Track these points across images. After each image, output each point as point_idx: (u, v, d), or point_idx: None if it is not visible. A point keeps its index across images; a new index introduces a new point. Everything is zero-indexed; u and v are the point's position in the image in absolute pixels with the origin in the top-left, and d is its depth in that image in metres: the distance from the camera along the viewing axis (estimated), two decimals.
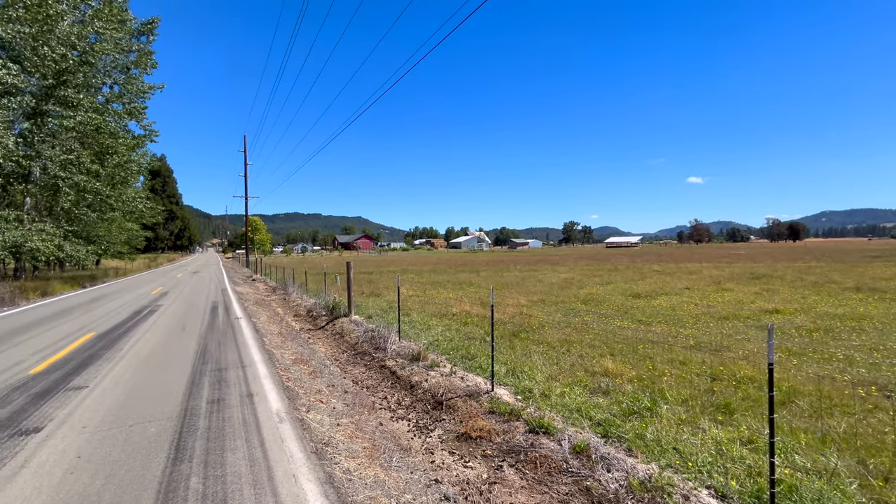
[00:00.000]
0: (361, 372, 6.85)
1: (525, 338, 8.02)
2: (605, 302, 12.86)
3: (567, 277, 22.14)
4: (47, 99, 19.73)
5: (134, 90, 27.91)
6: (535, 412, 4.52)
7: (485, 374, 5.92)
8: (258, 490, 3.11)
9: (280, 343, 8.40)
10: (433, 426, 4.76)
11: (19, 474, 3.32)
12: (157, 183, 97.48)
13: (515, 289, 16.91)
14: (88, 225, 28.91)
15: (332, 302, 11.40)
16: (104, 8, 23.15)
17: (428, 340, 7.79)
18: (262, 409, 4.71)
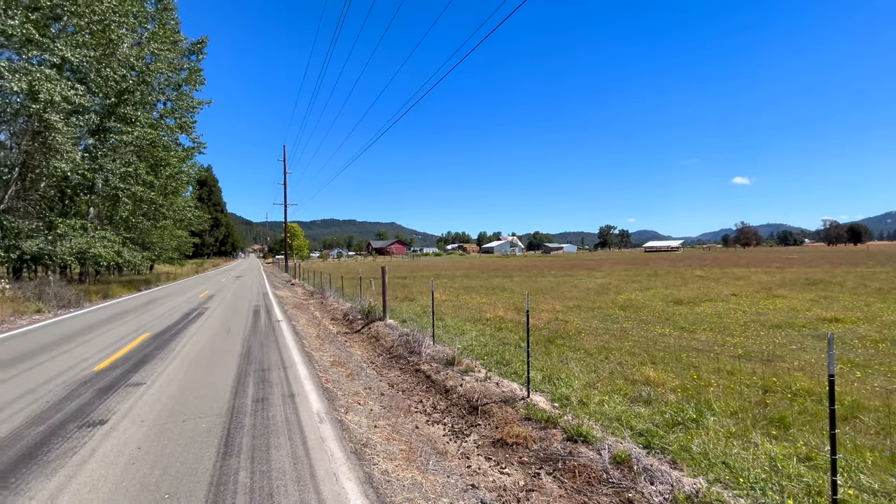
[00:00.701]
0: (397, 375, 6.94)
1: (561, 344, 7.88)
2: (644, 308, 12.42)
3: (604, 283, 21.55)
4: (109, 116, 21.38)
5: (184, 106, 29.75)
6: (573, 420, 4.43)
7: (520, 381, 5.86)
8: (301, 487, 3.22)
9: (318, 345, 8.65)
10: (468, 431, 4.76)
11: (88, 462, 3.60)
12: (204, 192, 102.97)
13: (550, 294, 16.63)
14: (143, 232, 30.95)
15: (367, 306, 11.64)
16: (159, 30, 24.87)
17: (462, 345, 7.80)
18: (304, 409, 4.87)
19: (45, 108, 16.24)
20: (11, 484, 3.28)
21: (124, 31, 20.43)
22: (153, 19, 25.92)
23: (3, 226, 16.53)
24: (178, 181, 32.02)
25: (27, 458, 3.70)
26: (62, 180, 20.95)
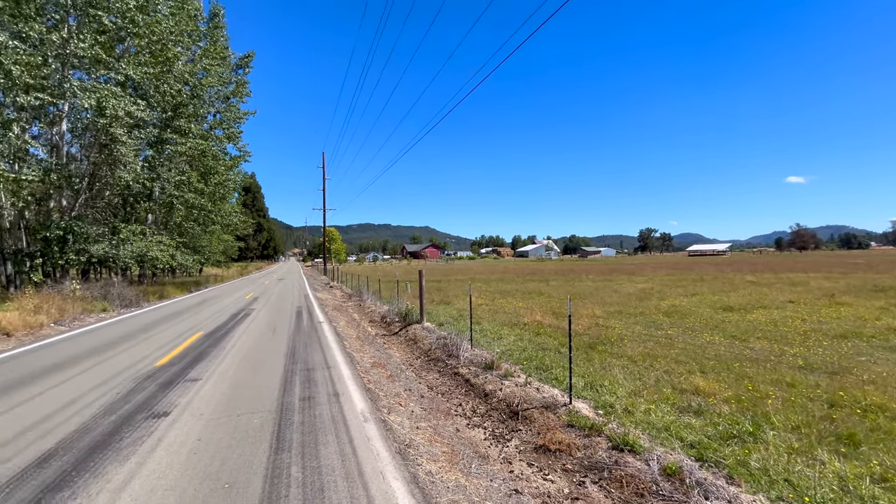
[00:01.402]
0: (435, 378, 7.00)
1: (603, 350, 7.68)
2: (690, 315, 11.89)
3: (645, 288, 20.80)
4: (166, 129, 22.90)
5: (232, 117, 31.41)
6: (619, 428, 4.32)
7: (561, 387, 5.77)
8: (350, 483, 3.32)
9: (359, 347, 8.87)
10: (509, 436, 4.74)
11: (156, 451, 3.88)
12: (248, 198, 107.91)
13: (589, 299, 16.24)
14: (194, 237, 32.85)
15: (404, 309, 11.81)
16: (210, 47, 26.42)
17: (500, 349, 7.77)
18: (348, 408, 5.02)
19: (111, 122, 17.61)
20: (91, 467, 3.58)
21: (180, 50, 21.88)
22: (205, 37, 27.58)
23: (74, 231, 18.02)
24: (225, 188, 33.79)
25: (102, 445, 4.03)
26: (125, 189, 22.63)
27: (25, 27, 15.02)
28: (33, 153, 18.16)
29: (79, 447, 3.98)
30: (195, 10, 24.47)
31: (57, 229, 17.59)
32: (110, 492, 3.20)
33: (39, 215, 19.09)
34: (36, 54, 15.15)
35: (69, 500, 3.09)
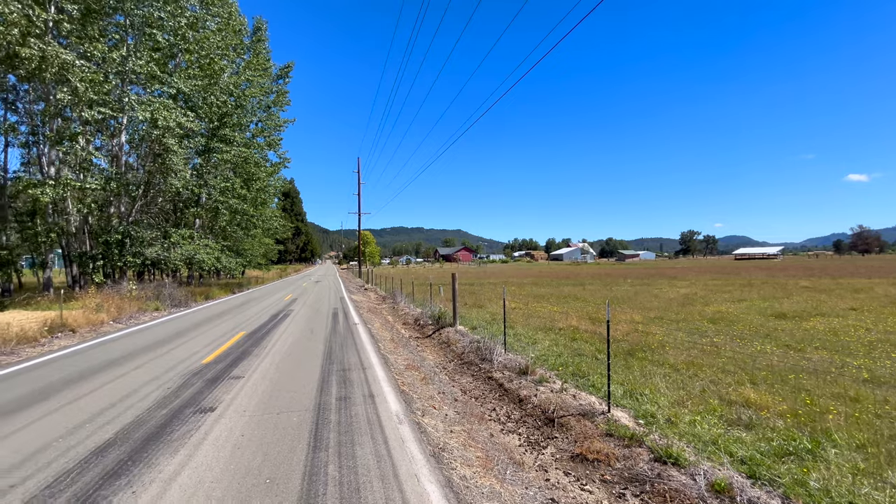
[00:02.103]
0: (469, 382, 6.97)
1: (643, 357, 7.39)
2: (738, 322, 11.25)
3: (688, 293, 19.88)
4: (212, 138, 24.18)
5: (272, 125, 32.73)
6: (661, 440, 4.14)
7: (599, 394, 5.59)
8: (386, 484, 3.35)
9: (393, 349, 8.97)
10: (545, 443, 4.64)
11: (203, 444, 4.07)
12: (287, 203, 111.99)
13: (627, 304, 15.70)
14: (238, 240, 34.43)
15: (437, 312, 11.85)
16: (253, 59, 27.66)
17: (535, 354, 7.63)
18: (383, 409, 5.08)
19: (164, 133, 18.78)
20: (144, 458, 3.80)
21: (225, 63, 23.08)
22: (249, 50, 28.92)
23: (131, 235, 19.33)
24: (266, 193, 35.23)
25: (155, 437, 4.27)
26: (175, 195, 24.06)
27: (90, 47, 16.29)
28: (96, 163, 19.64)
29: (134, 438, 4.24)
30: (240, 24, 25.76)
31: (116, 233, 18.91)
32: (162, 482, 3.39)
33: (101, 221, 20.60)
34: (99, 72, 16.39)
35: (125, 488, 3.29)
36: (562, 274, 46.37)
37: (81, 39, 16.77)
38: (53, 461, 3.76)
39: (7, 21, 14.41)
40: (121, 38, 18.78)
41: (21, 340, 9.29)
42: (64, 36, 16.88)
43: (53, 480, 3.43)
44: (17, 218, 19.99)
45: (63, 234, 18.81)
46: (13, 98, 19.33)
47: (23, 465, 3.71)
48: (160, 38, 19.35)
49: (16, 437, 4.31)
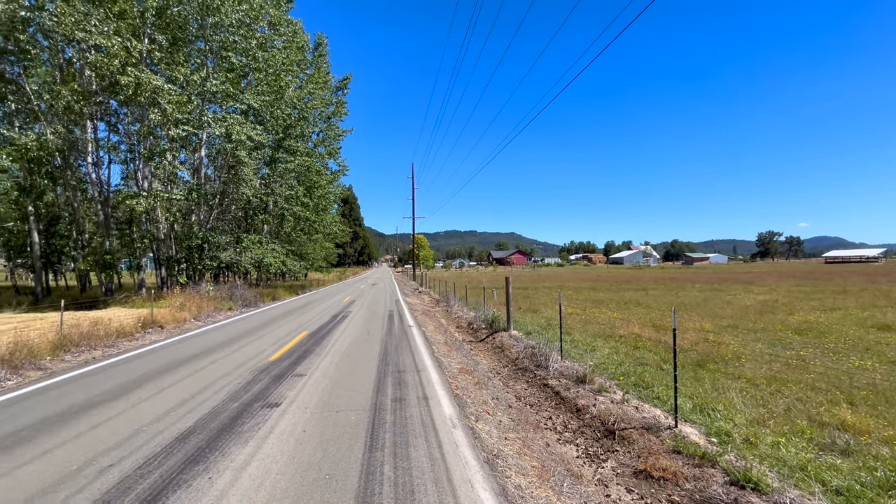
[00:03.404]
0: (523, 388, 6.82)
1: (714, 370, 6.82)
2: (830, 333, 10.04)
3: (767, 300, 18.10)
4: (278, 149, 25.89)
5: (332, 135, 34.38)
6: (738, 461, 3.78)
7: (664, 407, 5.23)
8: (440, 489, 3.36)
9: (446, 352, 9.02)
10: (605, 456, 4.41)
11: (269, 438, 4.32)
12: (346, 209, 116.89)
13: (696, 311, 14.61)
14: (301, 245, 36.48)
15: (490, 316, 11.75)
16: (315, 74, 29.25)
17: (593, 362, 7.31)
18: (437, 412, 5.11)
19: (237, 146, 20.39)
20: (219, 447, 4.11)
21: (290, 78, 24.64)
22: (311, 65, 30.64)
23: (209, 240, 21.16)
24: (326, 200, 37.04)
25: (228, 428, 4.60)
26: (246, 203, 26.02)
27: (176, 72, 18.11)
28: (180, 176, 21.77)
29: (210, 428, 4.60)
30: (303, 41, 27.38)
31: (196, 239, 20.80)
32: (233, 470, 3.64)
33: (184, 227, 22.76)
34: (183, 94, 18.16)
35: (203, 473, 3.58)
36: (622, 278, 44.18)
37: (169, 66, 18.71)
38: (144, 444, 4.18)
39: (110, 53, 16.42)
40: (201, 63, 20.71)
41: (120, 335, 10.48)
42: (155, 63, 18.92)
43: (144, 462, 3.80)
44: (117, 226, 22.64)
45: (154, 240, 21.02)
46: (115, 121, 21.96)
47: (120, 446, 4.16)
48: (234, 59, 21.10)
49: (115, 421, 4.85)
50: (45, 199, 21.57)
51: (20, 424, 4.83)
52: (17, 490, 3.36)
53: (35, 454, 4.02)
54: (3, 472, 3.65)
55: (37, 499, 3.23)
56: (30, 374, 7.20)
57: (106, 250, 19.81)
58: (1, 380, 6.72)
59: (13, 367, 7.23)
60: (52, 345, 8.59)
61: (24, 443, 4.30)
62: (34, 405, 5.54)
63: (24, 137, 16.56)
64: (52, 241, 25.31)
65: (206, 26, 19.17)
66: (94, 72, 17.67)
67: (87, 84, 18.49)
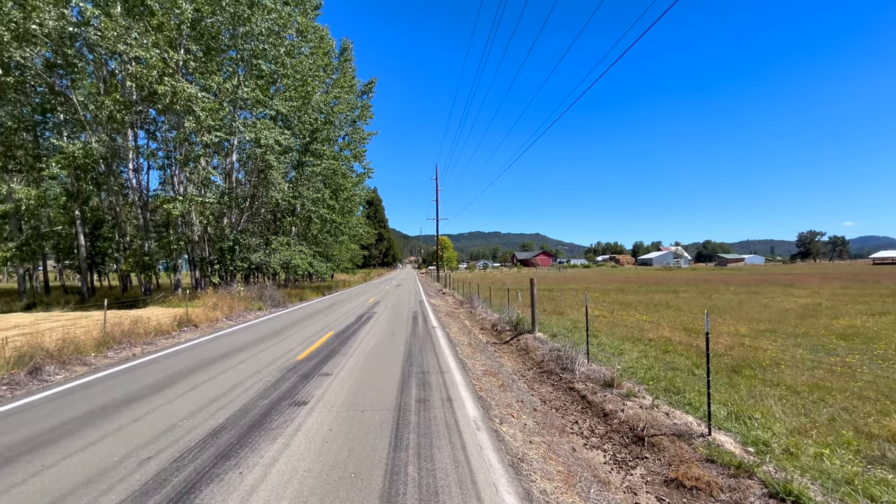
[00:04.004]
0: (549, 391, 6.72)
1: (751, 376, 6.53)
2: (879, 339, 9.45)
3: (809, 303, 17.21)
4: (305, 153, 26.51)
5: (357, 138, 34.92)
6: (777, 472, 3.60)
7: (697, 414, 5.05)
8: (464, 491, 3.34)
9: (470, 353, 8.99)
10: (634, 463, 4.29)
11: (296, 435, 4.42)
12: (371, 211, 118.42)
13: (731, 314, 14.03)
14: (327, 247, 37.22)
15: (515, 318, 11.64)
16: (340, 78, 29.78)
17: (621, 366, 7.13)
18: (461, 414, 5.09)
19: (266, 151, 21.00)
20: (249, 443, 4.23)
21: (317, 83, 25.22)
22: (337, 69, 31.23)
23: (240, 242, 21.87)
24: (352, 202, 37.66)
25: (257, 425, 4.73)
26: (275, 206, 26.73)
27: (209, 81, 18.82)
28: (213, 180, 22.60)
29: (240, 424, 4.74)
30: (329, 46, 27.96)
31: (228, 241, 21.53)
32: (263, 466, 3.74)
33: (217, 230, 23.61)
34: (215, 101, 18.85)
35: (234, 468, 3.69)
36: (651, 280, 42.96)
37: (203, 74, 19.47)
38: (180, 439, 4.35)
39: (149, 64, 17.23)
40: (233, 71, 21.47)
41: (157, 333, 10.96)
42: (190, 73, 19.74)
43: (179, 456, 3.96)
44: (155, 229, 23.72)
45: (188, 242, 21.89)
46: (153, 129, 23.02)
47: (157, 439, 4.34)
48: (264, 66, 21.76)
49: (152, 416, 5.07)
50: (91, 203, 22.81)
51: (66, 417, 5.11)
52: (63, 481, 3.55)
53: (80, 446, 4.24)
54: (52, 464, 3.87)
55: (82, 488, 3.40)
56: (76, 370, 7.62)
57: (145, 252, 20.78)
58: (50, 374, 7.14)
59: (61, 362, 7.67)
60: (97, 342, 9.06)
61: (69, 435, 4.54)
62: (80, 399, 5.86)
63: (71, 146, 17.58)
64: (96, 243, 26.76)
65: (238, 35, 19.85)
66: (135, 82, 18.59)
67: (128, 94, 19.46)
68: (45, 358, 7.50)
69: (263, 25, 19.94)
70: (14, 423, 4.95)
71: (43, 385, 6.68)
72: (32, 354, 7.52)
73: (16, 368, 7.10)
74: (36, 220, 22.52)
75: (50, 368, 7.28)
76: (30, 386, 6.61)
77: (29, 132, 21.34)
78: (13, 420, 5.07)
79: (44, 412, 5.34)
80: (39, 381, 6.83)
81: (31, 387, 6.58)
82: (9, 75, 18.62)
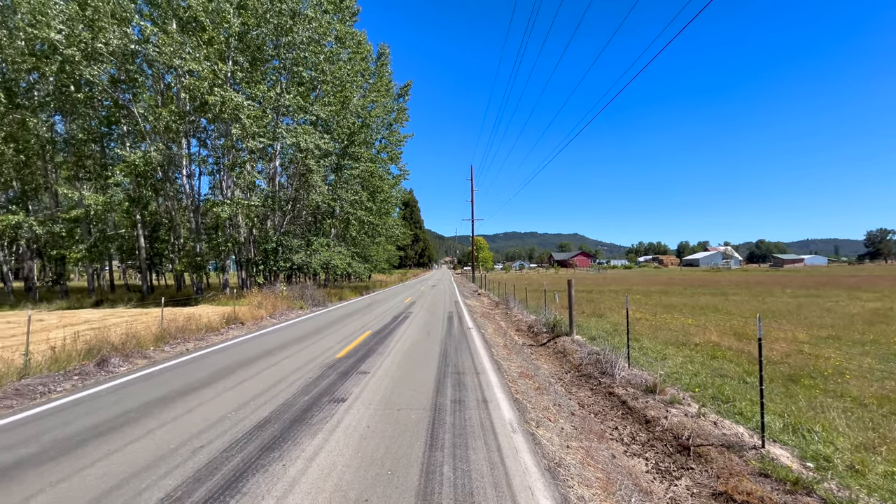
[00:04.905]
0: (587, 396, 6.55)
1: (811, 386, 6.08)
2: None
3: (879, 307, 15.79)
4: (343, 156, 27.26)
5: (394, 141, 35.48)
6: (840, 491, 3.33)
7: (749, 424, 4.76)
8: (499, 493, 3.32)
9: (506, 355, 8.91)
10: (678, 473, 4.11)
11: (336, 431, 4.56)
12: (407, 212, 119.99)
13: (787, 319, 13.12)
14: (365, 248, 38.05)
15: (552, 319, 11.43)
16: (377, 82, 30.39)
17: (664, 372, 6.84)
18: (496, 416, 5.06)
19: (307, 155, 21.77)
20: (291, 436, 4.41)
21: (355, 88, 25.88)
22: (374, 74, 31.89)
23: (283, 244, 22.79)
24: (388, 204, 38.31)
25: (299, 420, 4.92)
26: (315, 208, 27.66)
27: (255, 90, 19.76)
28: (258, 185, 23.69)
29: (283, 418, 4.94)
30: (366, 51, 28.60)
31: (272, 242, 22.49)
32: (304, 460, 3.88)
33: (261, 232, 24.73)
34: (259, 109, 19.77)
35: (277, 461, 3.85)
36: (697, 282, 40.88)
37: (249, 84, 20.48)
38: (228, 430, 4.59)
39: (201, 77, 18.31)
40: (276, 79, 22.43)
41: (208, 329, 11.62)
42: (237, 83, 20.81)
43: (228, 446, 4.18)
44: (206, 231, 25.15)
45: (235, 244, 23.07)
46: (204, 137, 24.46)
47: (208, 430, 4.61)
48: (304, 74, 22.59)
49: (204, 407, 5.38)
50: (149, 208, 24.54)
51: (129, 406, 5.53)
52: (126, 465, 3.84)
53: (141, 433, 4.58)
54: (116, 449, 4.20)
55: (143, 472, 3.67)
56: (137, 362, 8.22)
57: (197, 253, 22.09)
58: (115, 366, 7.75)
59: (125, 355, 8.30)
60: (155, 337, 9.74)
61: (132, 423, 4.91)
62: (140, 390, 6.32)
63: (133, 155, 18.99)
64: (154, 245, 28.74)
65: (281, 45, 20.73)
66: (188, 94, 19.84)
67: (182, 105, 20.79)
68: (110, 351, 8.15)
69: (304, 35, 20.71)
70: (85, 410, 5.41)
71: (109, 376, 7.26)
72: (100, 348, 8.19)
73: (86, 360, 7.76)
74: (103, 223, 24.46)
75: (115, 361, 7.89)
76: (98, 376, 7.20)
77: (96, 143, 23.28)
78: (84, 407, 5.54)
79: (110, 400, 5.80)
80: (106, 372, 7.43)
81: (98, 377, 7.17)
82: (79, 91, 20.39)
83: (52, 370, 7.17)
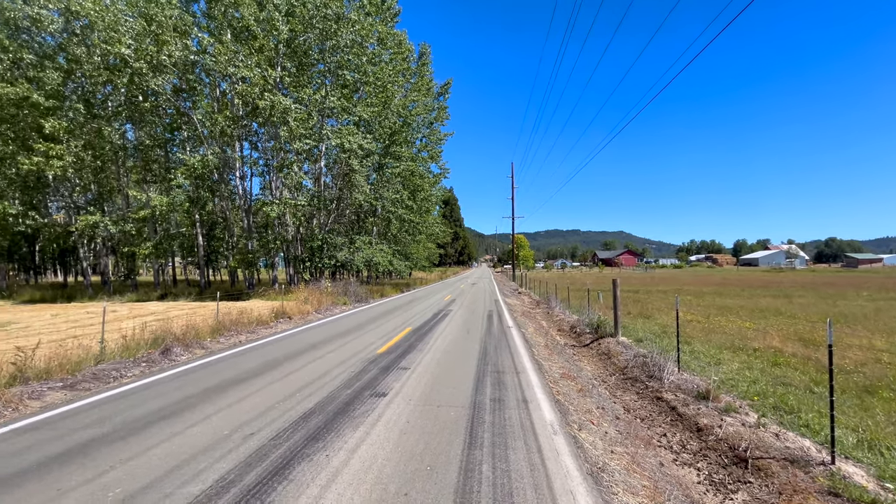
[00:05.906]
0: (633, 400, 6.29)
1: (890, 398, 5.50)
2: None
3: None
4: (385, 155, 27.77)
5: (434, 139, 35.71)
6: None
7: (816, 438, 4.39)
8: (539, 495, 3.26)
9: (547, 355, 8.74)
10: (734, 486, 3.85)
11: (377, 425, 4.65)
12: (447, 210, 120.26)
13: (862, 324, 11.96)
14: (405, 245, 38.61)
15: (596, 320, 11.07)
16: (418, 82, 30.68)
17: (718, 377, 6.44)
18: (537, 417, 4.97)
19: (350, 156, 22.38)
20: (334, 428, 4.55)
21: (395, 89, 26.28)
22: (415, 74, 32.23)
23: (327, 242, 23.60)
24: (429, 202, 38.64)
25: (342, 412, 5.07)
26: (358, 207, 28.40)
27: (301, 93, 20.55)
28: (304, 185, 24.65)
29: (327, 410, 5.11)
30: (408, 51, 28.95)
31: (317, 240, 23.33)
32: (347, 451, 3.99)
33: (307, 230, 25.72)
34: (305, 111, 20.53)
35: (321, 451, 3.99)
36: (756, 282, 38.16)
37: (296, 88, 21.34)
38: (276, 419, 4.82)
39: (252, 83, 19.29)
40: (321, 83, 23.21)
41: (258, 323, 12.25)
42: (285, 87, 21.74)
43: (276, 434, 4.38)
44: (257, 230, 26.51)
45: (284, 242, 24.15)
46: (255, 140, 25.76)
47: (259, 418, 4.85)
48: (348, 76, 23.23)
49: (255, 397, 5.68)
50: (207, 208, 26.17)
51: (189, 392, 5.93)
52: (186, 447, 4.12)
53: (199, 418, 4.89)
54: (178, 432, 4.51)
55: (200, 455, 3.93)
56: (196, 352, 8.81)
57: (248, 250, 23.34)
58: (177, 355, 8.35)
59: (185, 345, 8.92)
60: (211, 329, 10.39)
61: (191, 408, 5.27)
62: (199, 378, 6.76)
63: (192, 159, 20.34)
64: (211, 243, 30.69)
65: (326, 49, 21.42)
66: (241, 99, 20.96)
67: (236, 111, 22.00)
68: (173, 341, 8.79)
69: (348, 37, 21.28)
70: (152, 395, 5.86)
71: (172, 364, 7.83)
72: (164, 338, 8.85)
73: (152, 349, 8.41)
74: (166, 223, 26.41)
75: (177, 350, 8.51)
76: (162, 364, 7.79)
77: (161, 148, 25.16)
78: (151, 392, 6.01)
79: (173, 386, 6.25)
80: (169, 360, 8.02)
81: (163, 364, 7.75)
82: (147, 101, 22.09)
83: (123, 357, 7.83)
